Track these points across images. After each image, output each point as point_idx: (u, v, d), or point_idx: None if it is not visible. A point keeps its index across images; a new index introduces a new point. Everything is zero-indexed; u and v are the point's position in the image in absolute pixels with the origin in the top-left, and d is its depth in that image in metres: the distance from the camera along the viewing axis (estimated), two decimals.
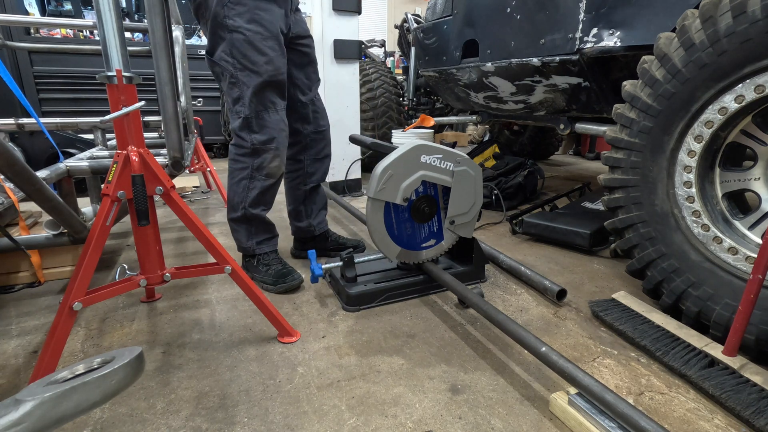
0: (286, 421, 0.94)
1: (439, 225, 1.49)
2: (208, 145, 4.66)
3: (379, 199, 1.33)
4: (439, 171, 1.39)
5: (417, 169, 1.35)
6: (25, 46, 2.54)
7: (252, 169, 1.50)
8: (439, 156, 1.38)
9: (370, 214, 1.35)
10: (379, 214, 1.36)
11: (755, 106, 1.10)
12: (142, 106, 1.04)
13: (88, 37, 4.04)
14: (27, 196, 1.06)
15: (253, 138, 1.47)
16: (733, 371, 1.00)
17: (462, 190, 1.43)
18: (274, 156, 1.50)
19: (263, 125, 1.46)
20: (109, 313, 1.40)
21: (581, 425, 0.88)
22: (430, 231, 1.48)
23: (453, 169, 1.40)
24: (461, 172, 1.41)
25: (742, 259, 1.13)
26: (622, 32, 1.57)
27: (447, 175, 1.40)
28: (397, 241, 1.42)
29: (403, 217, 1.42)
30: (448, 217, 1.45)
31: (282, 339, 1.24)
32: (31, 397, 0.44)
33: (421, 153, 1.35)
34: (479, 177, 1.45)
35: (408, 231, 1.44)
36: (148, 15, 1.05)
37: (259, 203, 1.56)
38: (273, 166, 1.51)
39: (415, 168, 1.35)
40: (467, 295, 1.27)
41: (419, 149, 1.34)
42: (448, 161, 1.39)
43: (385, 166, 1.30)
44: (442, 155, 1.38)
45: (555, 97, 2.10)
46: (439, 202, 1.46)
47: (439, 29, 2.66)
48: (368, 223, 1.36)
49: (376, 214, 1.36)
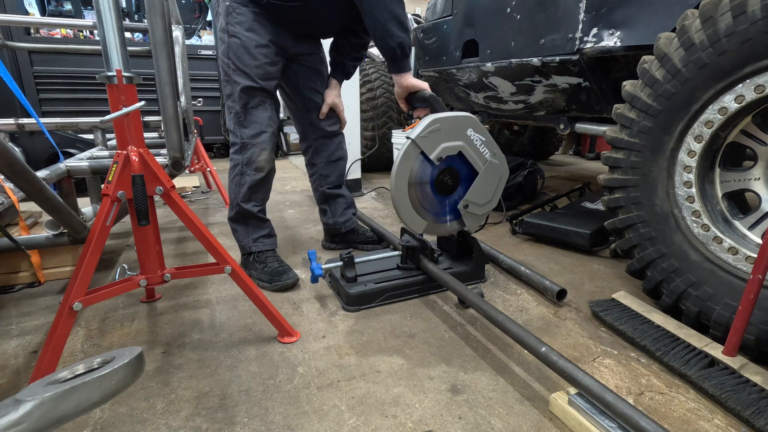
0: (286, 421, 0.94)
1: (454, 205, 1.49)
2: (208, 145, 4.66)
3: (419, 145, 1.33)
4: (476, 152, 1.41)
5: (460, 138, 1.37)
6: (25, 46, 2.54)
7: (242, 165, 1.59)
8: (483, 138, 1.40)
9: (401, 158, 1.33)
10: (410, 161, 1.35)
11: (755, 106, 1.10)
12: (142, 106, 1.04)
13: (88, 37, 4.04)
14: (27, 196, 1.06)
15: (243, 133, 1.57)
16: (733, 371, 1.00)
17: (487, 182, 1.45)
18: (261, 149, 1.57)
19: (252, 120, 1.57)
20: (109, 313, 1.40)
21: (581, 425, 0.88)
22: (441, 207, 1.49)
23: (488, 158, 1.42)
24: (493, 165, 1.43)
25: (742, 259, 1.13)
26: (622, 32, 1.57)
27: (481, 160, 1.42)
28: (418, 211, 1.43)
29: (426, 184, 1.42)
30: (465, 199, 1.46)
31: (282, 339, 1.24)
32: (31, 397, 0.44)
33: (470, 126, 1.37)
34: (505, 179, 1.48)
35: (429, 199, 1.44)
36: (148, 15, 1.05)
37: (250, 198, 1.62)
38: (261, 159, 1.58)
39: (460, 136, 1.37)
40: (467, 295, 1.27)
41: (470, 121, 1.36)
42: (488, 148, 1.42)
43: (436, 118, 1.31)
44: (485, 139, 1.41)
45: (555, 97, 2.10)
46: (462, 182, 1.46)
47: (439, 29, 2.66)
48: (395, 168, 1.34)
49: (407, 160, 1.34)
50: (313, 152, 1.86)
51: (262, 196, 1.65)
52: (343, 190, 1.92)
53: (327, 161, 1.85)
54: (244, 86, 1.52)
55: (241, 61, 1.51)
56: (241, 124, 1.57)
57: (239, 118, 1.56)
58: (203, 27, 4.56)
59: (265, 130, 1.57)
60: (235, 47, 1.51)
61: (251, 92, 1.53)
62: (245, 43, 1.50)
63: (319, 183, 1.89)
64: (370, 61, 3.81)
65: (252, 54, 1.50)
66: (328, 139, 1.83)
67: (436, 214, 1.48)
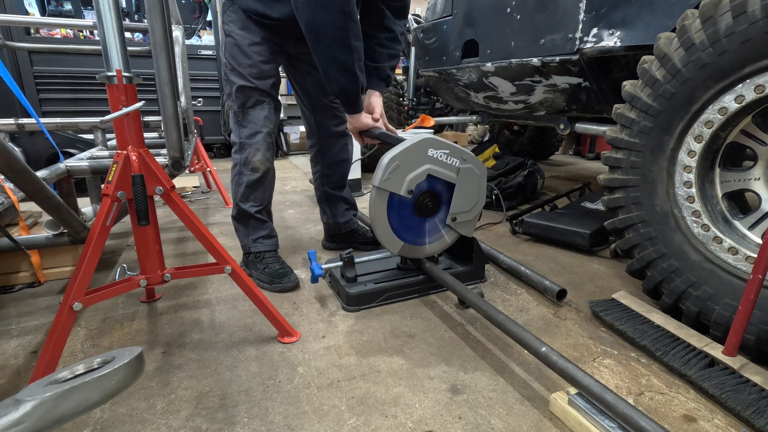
0: (286, 421, 0.94)
1: (443, 221, 1.48)
2: (208, 145, 4.66)
3: (384, 189, 1.32)
4: (445, 166, 1.39)
5: (423, 162, 1.35)
6: (25, 46, 2.54)
7: (240, 165, 1.59)
8: (446, 151, 1.37)
9: (373, 203, 1.34)
10: (383, 205, 1.36)
11: (755, 106, 1.10)
12: (142, 106, 1.04)
13: (88, 37, 4.04)
14: (27, 196, 1.06)
15: (241, 132, 1.57)
16: (733, 371, 1.00)
17: (466, 188, 1.43)
18: (256, 150, 1.56)
19: (249, 120, 1.56)
20: (109, 313, 1.40)
21: (581, 425, 0.88)
22: (433, 227, 1.48)
23: (459, 166, 1.40)
24: (467, 170, 1.41)
25: (742, 259, 1.13)
26: (622, 32, 1.57)
27: (452, 171, 1.40)
28: (399, 234, 1.42)
29: (406, 211, 1.42)
30: (451, 214, 1.45)
31: (282, 339, 1.24)
32: (31, 397, 0.43)
33: (429, 146, 1.35)
34: (484, 177, 1.45)
35: (410, 225, 1.44)
36: (148, 15, 1.05)
37: (248, 198, 1.61)
38: (256, 159, 1.57)
39: (422, 161, 1.35)
40: (467, 295, 1.26)
41: (427, 142, 1.34)
42: (455, 157, 1.39)
43: (393, 156, 1.30)
44: (449, 151, 1.38)
45: (555, 97, 2.10)
46: (442, 198, 1.45)
47: (439, 29, 2.66)
48: (371, 213, 1.36)
49: (380, 204, 1.35)
50: (318, 151, 1.84)
51: (261, 196, 1.63)
52: (344, 192, 1.91)
53: (331, 162, 1.84)
54: (239, 86, 1.52)
55: (236, 60, 1.51)
56: (239, 124, 1.57)
57: (237, 117, 1.57)
58: (203, 27, 4.56)
59: (260, 130, 1.56)
60: (230, 46, 1.51)
61: (247, 92, 1.53)
62: (239, 41, 1.49)
63: (321, 182, 1.88)
64: None
65: (245, 53, 1.49)
66: (333, 140, 1.82)
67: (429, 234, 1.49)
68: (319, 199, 1.94)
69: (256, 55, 1.50)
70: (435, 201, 1.44)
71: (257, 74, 1.52)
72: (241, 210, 1.63)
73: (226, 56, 1.54)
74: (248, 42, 1.49)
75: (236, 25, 1.49)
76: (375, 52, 1.60)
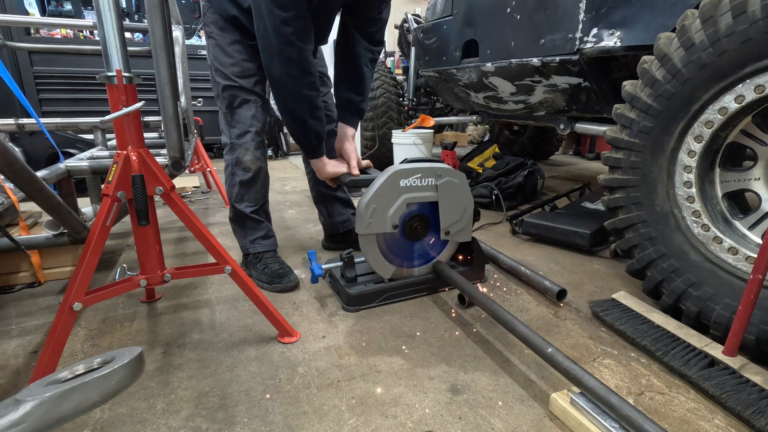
0: (286, 421, 0.94)
1: (436, 238, 1.51)
2: (208, 145, 4.66)
3: (369, 234, 1.37)
4: (421, 189, 1.41)
5: (399, 194, 1.38)
6: (25, 46, 2.53)
7: (232, 165, 1.58)
8: (418, 176, 1.39)
9: (364, 247, 1.39)
10: (374, 247, 1.41)
11: (755, 106, 1.10)
12: (142, 106, 1.04)
13: (88, 37, 4.04)
14: (27, 196, 1.06)
15: (231, 132, 1.57)
16: (733, 371, 1.00)
17: (449, 201, 1.45)
18: (246, 149, 1.55)
19: (237, 120, 1.55)
20: (109, 313, 1.40)
21: (581, 425, 0.88)
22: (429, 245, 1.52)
23: (436, 183, 1.41)
24: (445, 184, 1.42)
25: (742, 259, 1.13)
26: (622, 32, 1.57)
27: (431, 191, 1.42)
28: (394, 261, 1.47)
29: (398, 239, 1.46)
30: (443, 229, 1.46)
31: (282, 339, 1.24)
32: (31, 398, 0.44)
33: (399, 178, 1.37)
34: (464, 182, 1.46)
35: (405, 250, 1.48)
36: (148, 15, 1.05)
37: (242, 198, 1.61)
38: (247, 159, 1.56)
39: (397, 194, 1.38)
40: (475, 294, 1.27)
41: (396, 175, 1.36)
42: (429, 177, 1.41)
43: (367, 201, 1.34)
44: (421, 174, 1.39)
45: (555, 97, 2.10)
46: (431, 216, 1.47)
47: (439, 29, 2.66)
48: (364, 254, 1.41)
49: (370, 246, 1.40)
50: None
51: (255, 196, 1.62)
52: (338, 191, 1.89)
53: None
54: (224, 85, 1.51)
55: (218, 60, 1.51)
56: (228, 124, 1.57)
57: (227, 118, 1.56)
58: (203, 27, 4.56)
59: (249, 130, 1.55)
60: (212, 47, 1.52)
61: (232, 91, 1.52)
62: (219, 41, 1.50)
63: (315, 182, 1.86)
64: None
65: (226, 52, 1.49)
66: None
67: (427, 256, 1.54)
68: (315, 200, 1.93)
69: (237, 54, 1.50)
70: (424, 222, 1.47)
71: (240, 73, 1.51)
72: (237, 211, 1.62)
73: (209, 58, 1.54)
74: (228, 41, 1.49)
75: (216, 25, 1.50)
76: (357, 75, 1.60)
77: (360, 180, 1.52)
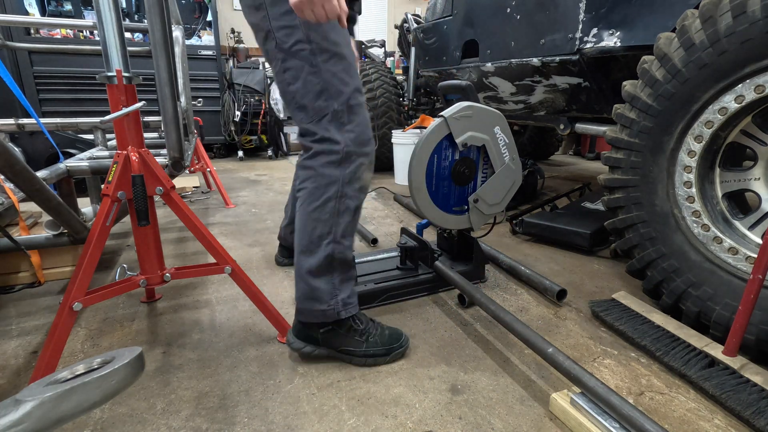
0: (286, 421, 0.94)
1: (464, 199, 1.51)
2: (208, 145, 4.66)
3: (448, 125, 1.35)
4: (498, 151, 1.44)
5: (487, 132, 1.40)
6: (25, 46, 2.54)
7: (342, 184, 1.06)
8: (507, 141, 1.44)
9: (429, 133, 1.35)
10: (435, 141, 1.37)
11: (755, 106, 1.10)
12: (142, 106, 1.04)
13: (88, 37, 4.04)
14: (27, 196, 1.06)
15: (346, 137, 1.04)
16: (733, 371, 1.00)
17: (500, 183, 1.48)
18: (370, 163, 1.11)
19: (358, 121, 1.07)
20: (109, 313, 1.40)
21: (582, 425, 0.88)
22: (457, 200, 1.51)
23: (507, 161, 1.45)
24: (509, 169, 1.46)
25: (742, 259, 1.13)
26: (622, 32, 1.57)
27: (500, 161, 1.45)
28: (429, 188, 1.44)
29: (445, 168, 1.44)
30: (476, 194, 1.48)
31: (282, 339, 1.24)
32: (31, 398, 0.43)
33: (498, 124, 1.40)
34: (517, 185, 1.50)
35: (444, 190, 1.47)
36: (148, 15, 1.05)
37: (350, 233, 1.11)
38: (367, 178, 1.11)
39: (487, 130, 1.40)
40: (475, 294, 1.28)
41: (499, 120, 1.40)
42: (508, 151, 1.45)
43: (470, 105, 1.34)
44: (509, 142, 1.44)
45: (555, 97, 2.10)
46: (477, 178, 1.49)
47: (439, 29, 2.66)
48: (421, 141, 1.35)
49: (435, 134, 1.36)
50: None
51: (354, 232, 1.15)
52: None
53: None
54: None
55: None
56: (342, 124, 1.05)
57: (338, 116, 1.04)
58: (203, 27, 4.56)
59: (371, 137, 1.10)
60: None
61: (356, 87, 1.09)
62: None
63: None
64: (370, 61, 3.81)
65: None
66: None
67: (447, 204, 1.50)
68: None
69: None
70: (471, 173, 1.47)
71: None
72: (339, 254, 1.09)
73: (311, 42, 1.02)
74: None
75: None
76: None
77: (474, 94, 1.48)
